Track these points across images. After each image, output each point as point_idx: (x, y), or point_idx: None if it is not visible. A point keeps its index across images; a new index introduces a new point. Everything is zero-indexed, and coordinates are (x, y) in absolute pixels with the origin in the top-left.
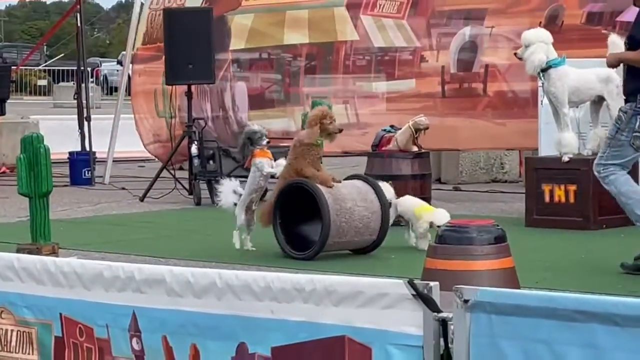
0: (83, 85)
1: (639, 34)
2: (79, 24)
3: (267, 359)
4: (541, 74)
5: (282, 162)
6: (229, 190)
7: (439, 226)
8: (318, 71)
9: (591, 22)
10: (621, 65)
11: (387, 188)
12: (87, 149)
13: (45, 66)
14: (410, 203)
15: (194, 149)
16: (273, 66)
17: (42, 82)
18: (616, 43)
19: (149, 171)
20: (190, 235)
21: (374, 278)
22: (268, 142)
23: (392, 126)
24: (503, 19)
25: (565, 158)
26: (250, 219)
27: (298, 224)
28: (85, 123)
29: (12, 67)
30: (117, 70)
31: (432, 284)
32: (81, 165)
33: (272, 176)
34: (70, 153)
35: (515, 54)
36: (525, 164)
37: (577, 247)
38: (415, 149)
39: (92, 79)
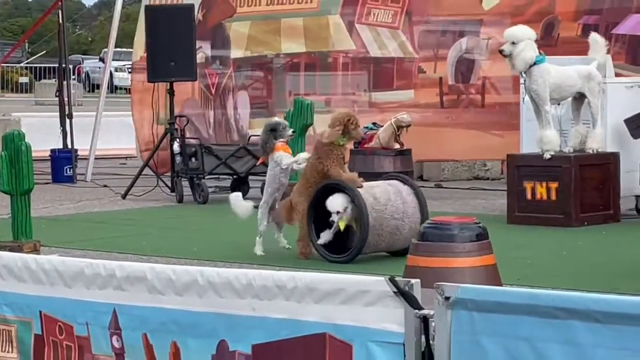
0: (65, 82)
1: None
2: (60, 21)
3: (247, 356)
4: (523, 72)
5: (303, 155)
6: (241, 201)
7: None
8: (317, 80)
9: (587, 34)
10: (601, 62)
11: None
12: (69, 146)
13: (27, 63)
14: None
15: (175, 147)
16: (272, 74)
17: (24, 80)
18: (598, 41)
19: (131, 169)
20: (172, 233)
21: (356, 275)
22: (293, 133)
23: (374, 123)
24: (498, 30)
25: (547, 155)
26: (276, 215)
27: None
28: (67, 120)
29: None
30: (99, 68)
31: (413, 281)
32: (63, 163)
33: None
34: (52, 150)
35: (500, 51)
36: (507, 161)
37: (559, 244)
38: (397, 146)
39: (74, 77)
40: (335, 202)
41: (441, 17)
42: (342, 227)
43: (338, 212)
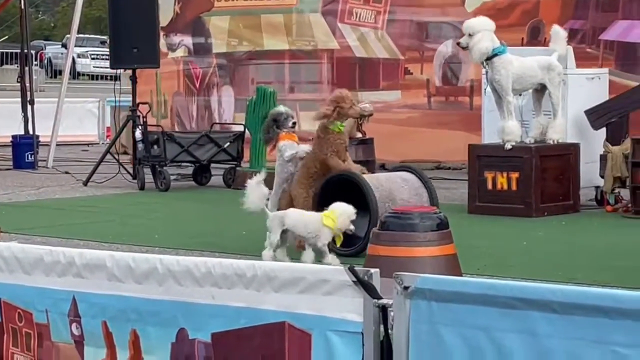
0: (27, 68)
1: None
2: (22, 7)
3: (207, 344)
4: (485, 63)
5: (304, 147)
6: (258, 194)
7: None
8: (302, 78)
9: (574, 40)
10: (562, 53)
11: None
12: (31, 132)
13: None
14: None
15: (138, 134)
16: (256, 70)
17: None
18: (558, 33)
19: (92, 155)
20: (133, 220)
21: (315, 265)
22: (294, 124)
23: None
24: None
25: (508, 146)
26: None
27: None
28: (29, 106)
29: None
30: (62, 54)
31: (372, 270)
32: (24, 149)
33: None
34: (14, 136)
35: (458, 43)
36: (469, 151)
37: (519, 234)
38: (359, 135)
39: (36, 62)
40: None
41: (424, 19)
42: (338, 243)
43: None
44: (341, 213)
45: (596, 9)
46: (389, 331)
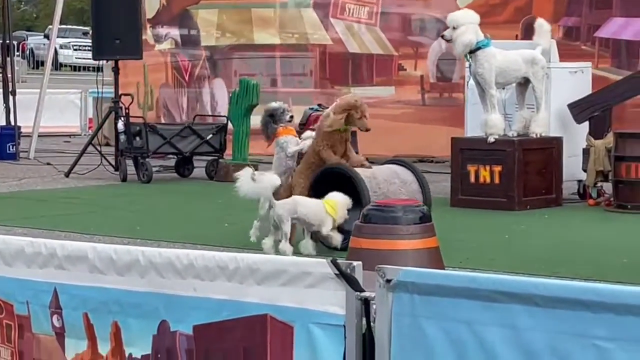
0: (9, 59)
1: None
2: None
3: (189, 337)
4: (468, 56)
5: (309, 142)
6: (248, 178)
7: None
8: (295, 72)
9: (569, 37)
10: (545, 47)
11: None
12: (12, 123)
13: None
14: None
15: (120, 125)
16: (249, 65)
17: None
18: (542, 26)
19: (74, 146)
20: (115, 212)
21: (297, 257)
22: (292, 117)
23: (319, 105)
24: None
25: (491, 139)
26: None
27: None
28: (11, 97)
29: None
30: (44, 44)
31: (355, 263)
32: (6, 140)
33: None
34: None
35: (442, 36)
36: (452, 144)
37: (501, 228)
38: None
39: (18, 53)
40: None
41: (416, 15)
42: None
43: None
44: (342, 204)
45: (590, 6)
46: (371, 324)
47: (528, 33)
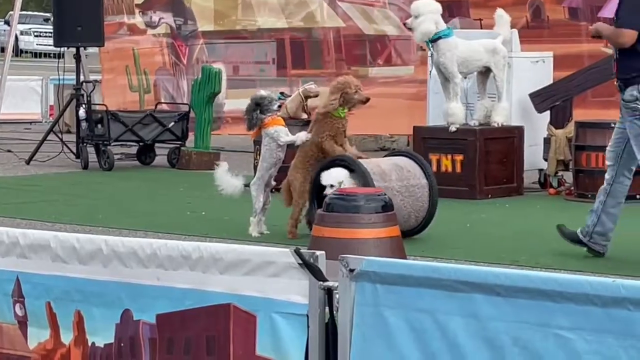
0: None
1: (620, 12)
2: None
3: (152, 326)
4: (430, 45)
5: (302, 135)
6: (225, 173)
7: None
8: (306, 56)
9: (574, 17)
10: (506, 37)
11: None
12: None
13: None
14: None
15: (81, 113)
16: (253, 50)
17: None
18: (502, 17)
19: (35, 134)
20: (76, 200)
21: (260, 246)
22: (279, 107)
23: (282, 93)
24: (484, 11)
25: (453, 128)
26: (267, 197)
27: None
28: None
29: None
30: (4, 31)
31: (318, 253)
32: None
33: (290, 145)
34: None
35: (404, 24)
36: (413, 133)
37: (463, 217)
38: (304, 116)
39: None
40: (330, 175)
41: None
42: None
43: (332, 186)
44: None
45: None
46: (334, 313)
47: (536, 15)
